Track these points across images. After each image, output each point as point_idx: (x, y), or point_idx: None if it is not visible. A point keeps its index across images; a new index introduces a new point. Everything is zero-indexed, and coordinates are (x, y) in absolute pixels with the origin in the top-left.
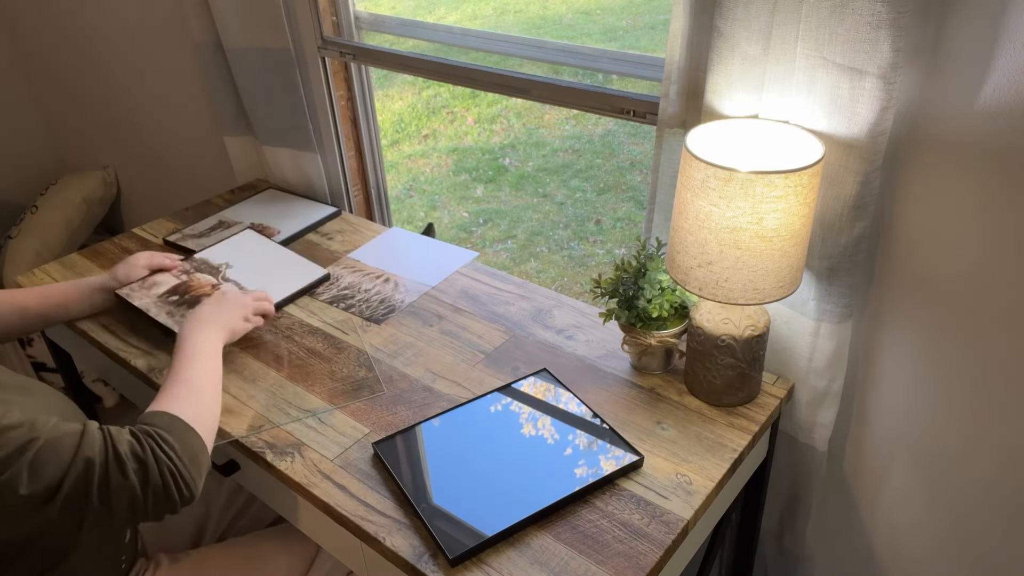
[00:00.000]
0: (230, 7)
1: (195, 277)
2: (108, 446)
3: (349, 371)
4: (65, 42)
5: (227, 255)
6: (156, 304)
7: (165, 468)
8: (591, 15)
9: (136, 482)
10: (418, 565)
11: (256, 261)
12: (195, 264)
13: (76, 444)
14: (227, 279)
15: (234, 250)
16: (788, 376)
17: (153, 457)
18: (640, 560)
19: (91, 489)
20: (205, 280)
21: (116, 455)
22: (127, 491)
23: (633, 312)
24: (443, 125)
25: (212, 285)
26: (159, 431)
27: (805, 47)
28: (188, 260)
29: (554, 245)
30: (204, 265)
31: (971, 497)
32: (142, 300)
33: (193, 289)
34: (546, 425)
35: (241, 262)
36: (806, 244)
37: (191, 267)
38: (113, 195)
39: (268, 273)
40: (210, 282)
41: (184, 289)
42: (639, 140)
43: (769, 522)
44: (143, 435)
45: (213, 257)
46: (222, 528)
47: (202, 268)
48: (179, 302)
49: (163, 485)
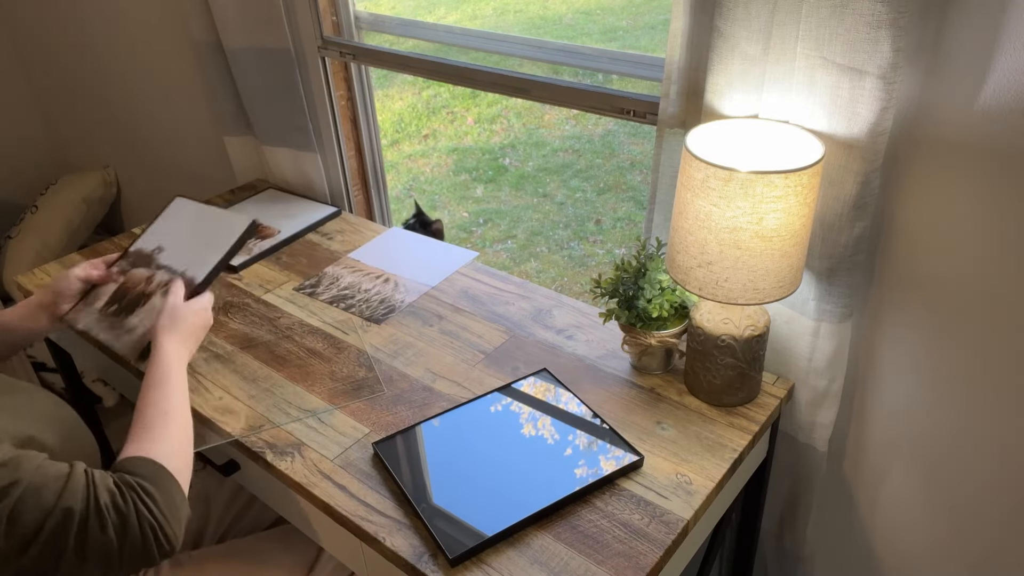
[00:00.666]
0: (230, 7)
1: (130, 275)
2: (90, 496)
3: (349, 371)
4: (65, 42)
5: (159, 238)
6: (98, 322)
7: (146, 524)
8: (591, 15)
9: (114, 537)
10: (418, 565)
11: (184, 235)
12: (131, 259)
13: (59, 491)
14: (160, 266)
15: (165, 229)
16: (788, 376)
17: (135, 512)
18: (640, 560)
19: (68, 540)
20: (139, 276)
21: (97, 507)
22: (104, 545)
23: (633, 312)
24: (443, 125)
25: (146, 279)
26: (142, 483)
27: (805, 47)
28: (124, 257)
29: (554, 245)
30: (139, 257)
31: (971, 497)
32: (86, 320)
33: (129, 290)
34: (546, 425)
35: (172, 242)
36: (806, 244)
37: (127, 264)
38: (113, 195)
39: (196, 244)
40: (144, 275)
41: (121, 294)
42: (639, 140)
43: (769, 522)
44: (126, 488)
45: (146, 245)
46: (223, 529)
47: (137, 261)
48: (118, 311)
49: (142, 541)
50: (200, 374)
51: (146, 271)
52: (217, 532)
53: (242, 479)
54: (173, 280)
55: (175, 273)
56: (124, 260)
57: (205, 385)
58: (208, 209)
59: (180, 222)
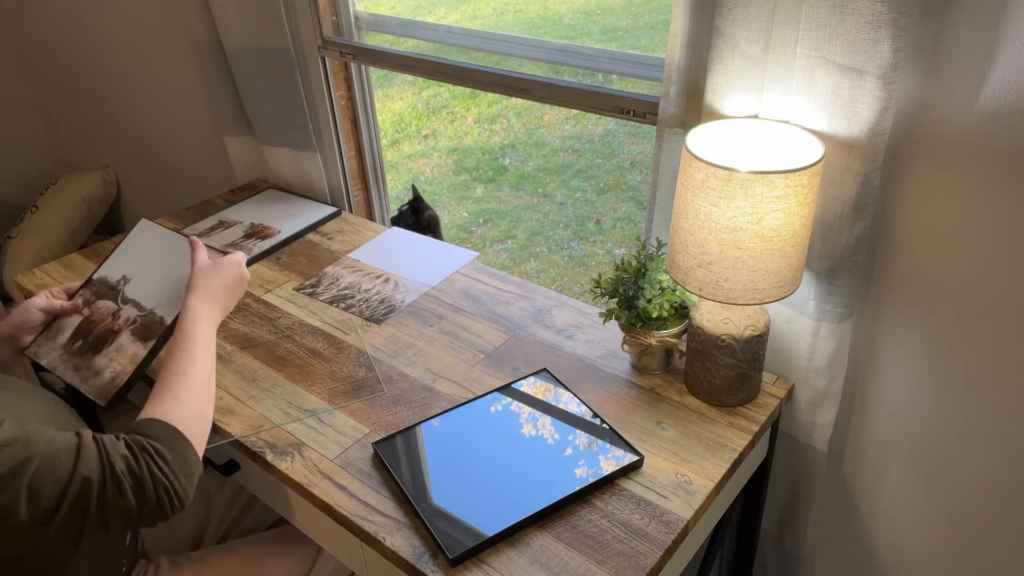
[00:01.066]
0: (230, 7)
1: (95, 307)
2: (104, 463)
3: (349, 371)
4: (65, 42)
5: (124, 266)
6: (62, 360)
7: (160, 485)
8: (591, 15)
9: (132, 500)
10: (418, 565)
11: (151, 265)
12: (95, 289)
13: (73, 462)
14: (127, 299)
15: (131, 256)
16: (788, 376)
17: (149, 474)
18: (640, 560)
19: (89, 508)
20: (105, 309)
21: (113, 473)
22: (124, 508)
23: (633, 312)
24: (443, 125)
25: (112, 315)
26: (155, 444)
27: (805, 47)
28: (88, 285)
29: (554, 245)
30: (103, 287)
31: (971, 497)
32: (49, 357)
33: (95, 325)
34: (546, 425)
35: (138, 272)
36: (806, 244)
37: (91, 294)
38: (113, 195)
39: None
40: (111, 311)
41: (87, 329)
42: (639, 140)
43: (769, 522)
44: (139, 450)
45: (111, 273)
46: (223, 530)
47: (102, 292)
48: (83, 348)
49: (157, 500)
50: None
51: (113, 305)
52: (218, 533)
53: (242, 479)
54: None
55: (143, 310)
56: (87, 288)
57: None
58: (171, 236)
59: (146, 249)
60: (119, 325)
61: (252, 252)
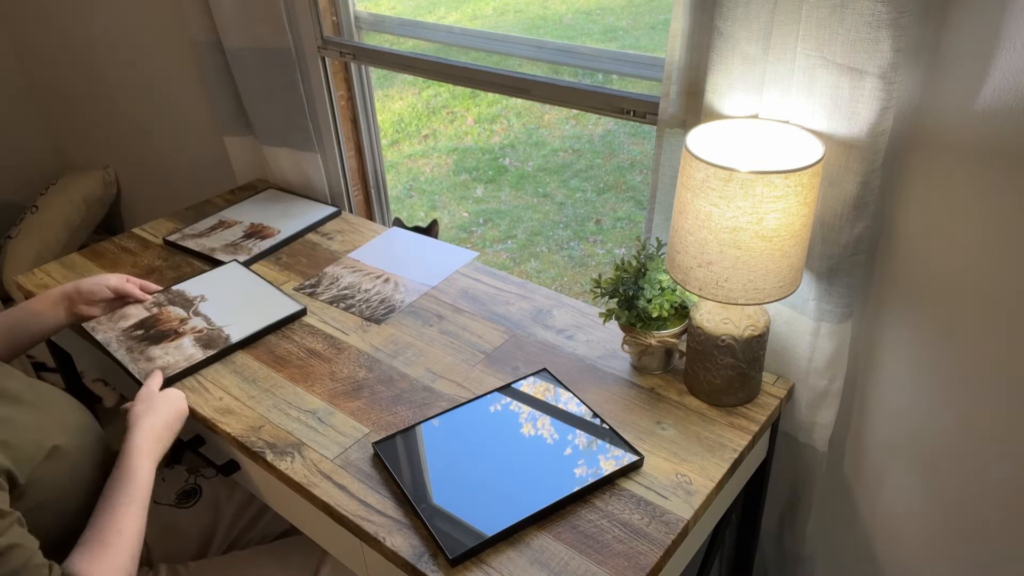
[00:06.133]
0: (230, 7)
1: (166, 310)
2: None
3: (349, 371)
4: (65, 42)
5: (205, 288)
6: (118, 338)
7: None
8: (591, 15)
9: None
10: (418, 565)
11: (233, 295)
12: (170, 296)
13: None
14: (198, 313)
15: (214, 283)
16: (788, 376)
17: None
18: (640, 560)
19: None
20: (175, 315)
21: None
22: None
23: (633, 312)
24: (443, 125)
25: (180, 320)
26: None
27: (805, 47)
28: (165, 291)
29: (554, 245)
30: (179, 298)
31: (971, 496)
32: (105, 334)
33: (161, 323)
34: (546, 425)
35: (217, 295)
36: (806, 244)
37: (165, 299)
38: (113, 195)
39: (242, 307)
40: (180, 316)
41: (152, 323)
42: (639, 140)
43: (769, 522)
44: None
45: (191, 289)
46: (230, 540)
47: (176, 300)
48: (143, 337)
49: None
50: (200, 374)
51: (183, 313)
52: (224, 542)
53: (242, 479)
54: (152, 372)
55: (212, 325)
56: (163, 294)
57: (205, 385)
58: (263, 283)
59: (231, 282)
60: (184, 329)
61: (252, 252)
